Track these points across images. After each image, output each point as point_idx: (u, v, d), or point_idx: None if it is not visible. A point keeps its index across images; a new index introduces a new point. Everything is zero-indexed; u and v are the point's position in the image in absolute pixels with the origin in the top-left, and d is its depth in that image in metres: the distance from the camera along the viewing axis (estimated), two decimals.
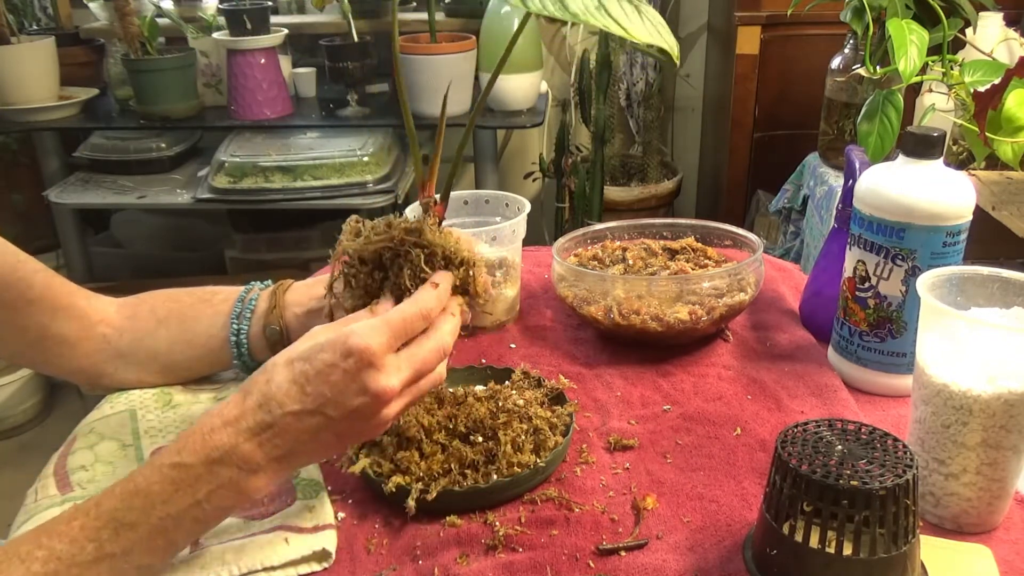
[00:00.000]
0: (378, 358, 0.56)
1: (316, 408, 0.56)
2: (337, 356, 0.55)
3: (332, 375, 0.55)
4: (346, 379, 0.55)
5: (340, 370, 0.55)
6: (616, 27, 0.55)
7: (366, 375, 0.55)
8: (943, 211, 0.71)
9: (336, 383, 0.55)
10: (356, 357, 0.55)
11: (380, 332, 0.56)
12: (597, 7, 0.55)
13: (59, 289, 0.74)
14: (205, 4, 2.13)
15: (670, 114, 2.70)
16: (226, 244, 2.38)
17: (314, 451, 0.58)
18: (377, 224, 0.65)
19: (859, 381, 0.81)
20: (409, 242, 0.62)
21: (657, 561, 0.60)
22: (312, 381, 0.56)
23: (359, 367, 0.55)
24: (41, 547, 0.51)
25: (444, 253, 0.63)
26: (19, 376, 2.16)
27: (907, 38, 1.17)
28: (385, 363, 0.56)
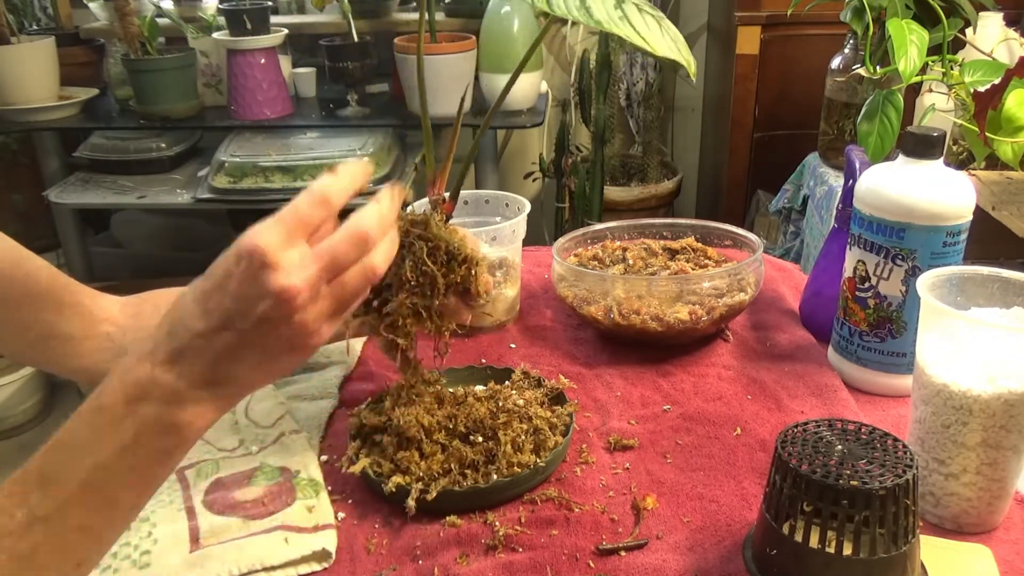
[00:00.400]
0: (270, 255, 0.49)
1: (222, 323, 0.50)
2: (231, 263, 0.50)
3: (229, 284, 0.50)
4: (243, 285, 0.50)
5: (235, 276, 0.50)
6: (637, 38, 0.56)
7: (262, 276, 0.49)
8: (943, 211, 0.71)
9: (235, 292, 0.50)
10: (247, 259, 0.50)
11: (270, 229, 0.51)
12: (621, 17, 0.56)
13: (63, 287, 0.74)
14: (205, 4, 2.13)
15: (670, 114, 2.70)
16: (226, 244, 2.35)
17: (241, 373, 0.52)
18: None
19: (859, 381, 0.81)
20: (414, 233, 0.62)
21: (657, 561, 0.60)
22: (212, 295, 0.51)
23: (252, 269, 0.49)
24: None
25: (447, 248, 0.63)
26: (19, 376, 2.16)
27: (907, 38, 1.17)
28: (281, 259, 0.50)
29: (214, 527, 0.64)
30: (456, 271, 0.64)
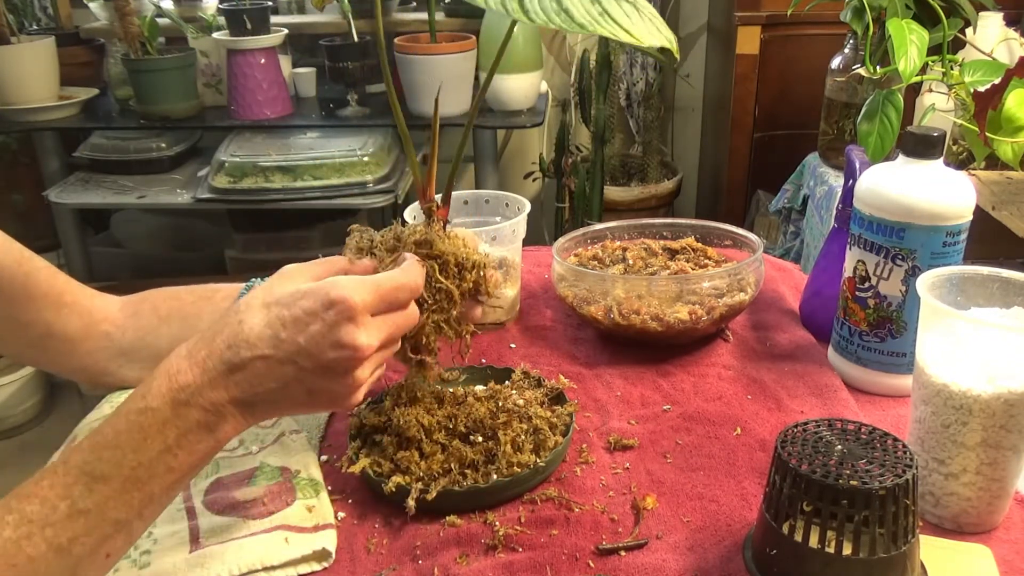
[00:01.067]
0: (359, 313, 0.54)
1: (288, 356, 0.54)
2: (318, 305, 0.54)
3: (311, 324, 0.54)
4: (323, 329, 0.53)
5: (319, 319, 0.54)
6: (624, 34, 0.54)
7: (345, 328, 0.54)
8: (943, 211, 0.71)
9: (313, 333, 0.53)
10: (337, 309, 0.54)
11: (366, 289, 0.55)
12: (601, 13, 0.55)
13: (63, 286, 0.74)
14: (205, 4, 2.13)
15: (670, 114, 2.70)
16: (226, 244, 2.38)
17: (283, 401, 0.56)
18: (385, 237, 0.65)
19: (859, 381, 0.81)
20: (421, 254, 0.63)
21: (657, 561, 0.60)
22: (288, 327, 0.54)
23: (339, 319, 0.54)
24: (11, 511, 0.49)
25: (456, 260, 0.64)
26: (19, 376, 2.16)
27: (907, 38, 1.17)
28: (365, 320, 0.55)
29: (214, 527, 0.64)
30: (467, 279, 0.65)
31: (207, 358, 0.54)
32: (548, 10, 0.54)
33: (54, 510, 0.50)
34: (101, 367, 0.78)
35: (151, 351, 0.78)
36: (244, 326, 0.54)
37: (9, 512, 0.49)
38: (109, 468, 0.51)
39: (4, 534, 0.48)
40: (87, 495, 0.50)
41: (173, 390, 0.53)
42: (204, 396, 0.53)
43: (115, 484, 0.51)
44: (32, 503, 0.50)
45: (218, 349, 0.54)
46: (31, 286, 0.71)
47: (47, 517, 0.49)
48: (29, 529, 0.49)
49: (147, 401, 0.52)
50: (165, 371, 0.53)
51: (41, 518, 0.49)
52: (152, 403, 0.52)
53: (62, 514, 0.50)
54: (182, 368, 0.53)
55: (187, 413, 0.53)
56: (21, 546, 0.48)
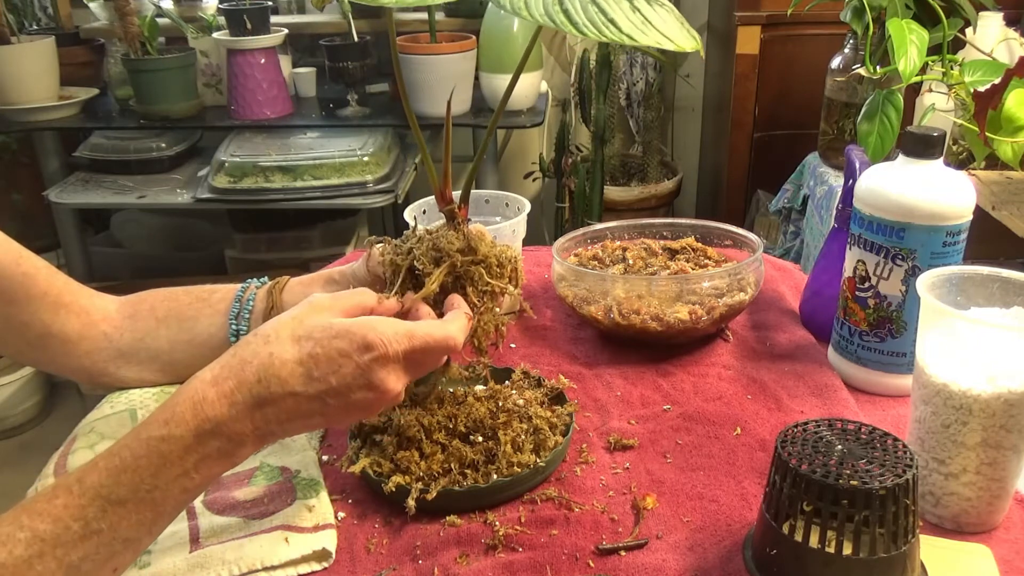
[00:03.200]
0: (393, 361, 0.55)
1: (318, 394, 0.55)
2: (353, 348, 0.55)
3: (344, 366, 0.55)
4: (356, 372, 0.55)
5: (353, 363, 0.55)
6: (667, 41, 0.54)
7: (377, 373, 0.55)
8: (943, 211, 0.71)
9: (345, 375, 0.55)
10: (374, 355, 0.55)
11: (401, 340, 0.56)
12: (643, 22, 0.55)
13: (62, 287, 0.74)
14: (205, 4, 2.13)
15: (670, 114, 2.70)
16: (226, 244, 2.38)
17: (300, 430, 0.58)
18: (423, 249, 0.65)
19: (859, 381, 0.81)
20: (467, 262, 0.64)
21: (657, 561, 0.60)
22: (321, 366, 0.55)
23: (372, 365, 0.55)
24: (23, 528, 0.49)
25: (498, 260, 0.66)
26: (19, 376, 2.16)
27: (907, 38, 1.17)
28: (397, 368, 0.56)
29: (214, 527, 0.64)
30: (506, 275, 0.67)
31: (235, 390, 0.54)
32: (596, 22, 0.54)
33: (67, 530, 0.50)
34: (99, 367, 0.78)
35: (149, 352, 0.78)
36: (275, 359, 0.55)
37: (21, 529, 0.49)
38: (126, 492, 0.51)
39: (16, 552, 0.48)
40: (101, 517, 0.51)
41: (199, 420, 0.53)
42: (229, 428, 0.53)
43: (130, 506, 0.51)
44: (45, 522, 0.50)
45: (247, 381, 0.54)
46: (29, 286, 0.71)
47: (59, 537, 0.49)
48: (41, 548, 0.49)
49: (170, 428, 0.52)
50: (190, 398, 0.53)
51: (53, 538, 0.49)
52: (175, 431, 0.52)
53: (75, 534, 0.50)
54: (208, 397, 0.53)
55: (210, 442, 0.53)
56: (32, 564, 0.48)
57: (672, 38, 0.55)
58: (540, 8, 0.53)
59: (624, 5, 0.55)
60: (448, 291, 0.65)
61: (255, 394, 0.54)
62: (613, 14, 0.54)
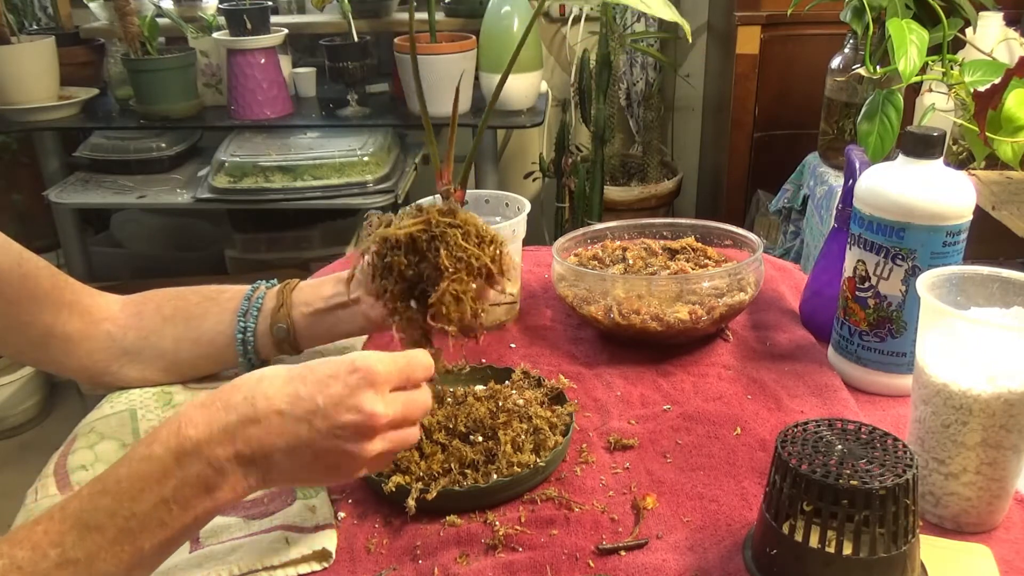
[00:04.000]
0: (380, 382, 0.54)
1: (305, 414, 0.53)
2: (341, 370, 0.54)
3: (331, 386, 0.54)
4: (344, 392, 0.53)
5: (341, 382, 0.54)
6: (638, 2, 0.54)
7: (365, 393, 0.54)
8: (943, 211, 0.71)
9: (333, 395, 0.53)
10: (360, 374, 0.54)
11: (386, 361, 0.55)
12: None
13: (64, 286, 0.74)
14: (205, 4, 2.13)
15: (670, 114, 2.70)
16: (226, 244, 2.38)
17: (286, 465, 0.54)
18: (408, 210, 0.65)
19: (859, 381, 0.81)
20: (444, 223, 0.63)
21: (657, 561, 0.60)
22: (308, 385, 0.54)
23: (360, 384, 0.54)
24: (1, 555, 0.48)
25: (477, 231, 0.64)
26: (19, 376, 2.16)
27: (907, 38, 1.17)
28: (384, 390, 0.55)
29: (214, 527, 0.64)
30: (487, 251, 0.65)
31: (221, 409, 0.53)
32: None
33: (44, 557, 0.48)
34: (102, 367, 0.78)
35: (154, 351, 0.78)
36: (264, 382, 0.54)
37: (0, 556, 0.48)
38: (103, 517, 0.50)
39: None
40: (78, 544, 0.49)
41: (180, 439, 0.52)
42: (210, 450, 0.52)
43: (108, 534, 0.50)
44: (24, 548, 0.49)
45: (233, 401, 0.53)
46: (31, 286, 0.71)
47: (36, 564, 0.48)
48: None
49: (152, 448, 0.52)
50: (176, 419, 0.53)
51: (30, 565, 0.48)
52: (156, 450, 0.51)
53: (51, 562, 0.49)
54: (193, 418, 0.52)
55: (189, 464, 0.51)
56: None
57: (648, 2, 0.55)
58: None
59: None
60: (421, 251, 0.63)
61: (240, 412, 0.53)
62: None
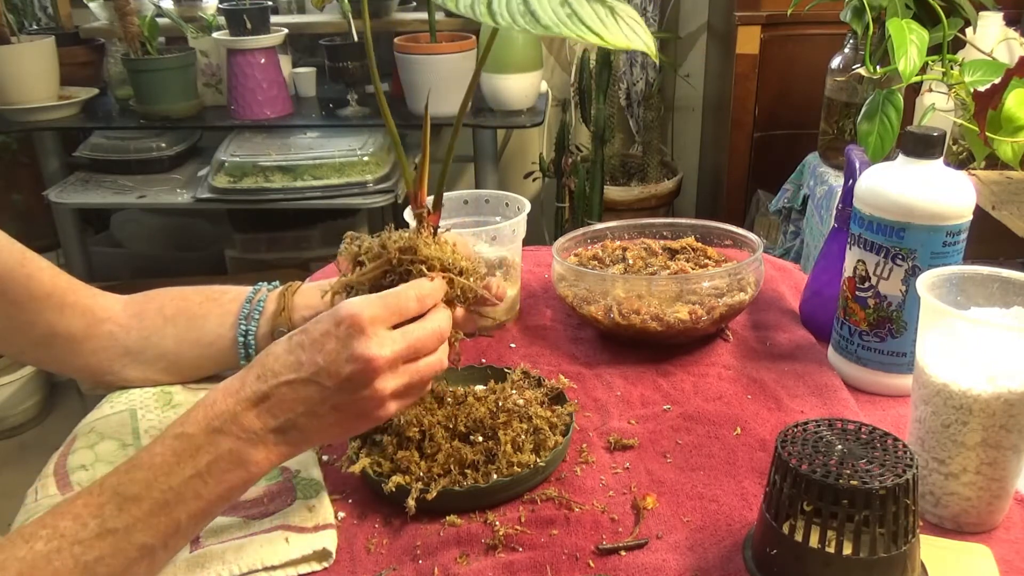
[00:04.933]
0: (367, 325, 0.57)
1: (310, 376, 0.56)
2: (331, 325, 0.57)
3: (326, 344, 0.57)
4: (338, 346, 0.56)
5: (332, 337, 0.57)
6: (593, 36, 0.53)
7: (356, 340, 0.56)
8: (943, 211, 0.71)
9: (329, 351, 0.56)
10: (347, 324, 0.57)
11: (371, 304, 0.58)
12: (569, 15, 0.54)
13: (65, 286, 0.74)
14: (205, 4, 2.13)
15: (670, 114, 2.70)
16: (226, 244, 2.38)
17: (313, 426, 0.58)
18: (372, 246, 0.66)
19: (859, 381, 0.81)
20: (406, 261, 0.63)
21: (657, 561, 0.60)
22: (307, 350, 0.57)
23: (349, 333, 0.56)
24: (46, 526, 0.51)
25: (442, 265, 0.64)
26: (19, 376, 2.16)
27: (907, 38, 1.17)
28: (375, 331, 0.57)
29: (214, 527, 0.64)
30: (456, 283, 0.65)
31: (240, 389, 0.57)
32: (514, 12, 0.53)
33: (84, 527, 0.51)
34: (104, 367, 0.78)
35: (156, 351, 0.78)
36: (270, 356, 0.58)
37: (44, 527, 0.51)
38: (140, 489, 0.53)
39: (36, 547, 0.50)
40: (117, 515, 0.52)
41: (208, 417, 0.55)
42: (237, 422, 0.56)
43: (144, 506, 0.53)
44: (65, 519, 0.51)
45: (250, 380, 0.57)
46: (33, 287, 0.71)
47: (77, 534, 0.51)
48: (59, 544, 0.50)
49: (184, 427, 0.55)
50: (203, 402, 0.57)
51: (72, 534, 0.51)
52: (189, 429, 0.55)
53: (91, 532, 0.51)
54: (217, 399, 0.57)
55: (220, 440, 0.55)
56: (50, 559, 0.50)
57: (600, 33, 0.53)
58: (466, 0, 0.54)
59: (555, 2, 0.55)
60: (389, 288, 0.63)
61: (255, 390, 0.56)
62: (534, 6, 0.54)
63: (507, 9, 0.54)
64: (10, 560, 0.49)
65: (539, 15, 0.53)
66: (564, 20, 0.54)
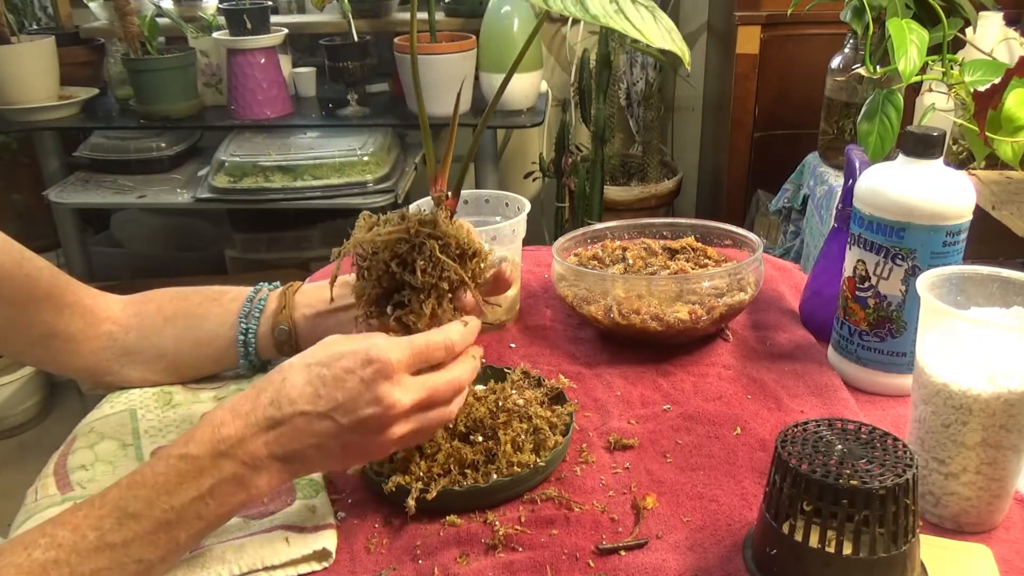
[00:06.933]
0: (395, 371, 0.57)
1: (327, 411, 0.56)
2: (356, 364, 0.56)
3: (348, 381, 0.56)
4: (361, 387, 0.56)
5: (357, 377, 0.56)
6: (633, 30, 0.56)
7: (381, 385, 0.56)
8: (943, 211, 0.71)
9: (351, 389, 0.56)
10: (375, 367, 0.56)
11: (401, 349, 0.58)
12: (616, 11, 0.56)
13: (64, 286, 0.74)
14: (205, 4, 2.13)
15: (670, 114, 2.70)
16: (226, 244, 2.38)
17: (317, 458, 0.58)
18: (391, 216, 0.65)
19: (859, 381, 0.81)
20: (424, 233, 0.63)
21: (657, 560, 0.60)
22: (328, 385, 0.56)
23: (375, 377, 0.56)
24: (45, 535, 0.51)
25: (458, 243, 0.64)
26: (19, 376, 2.16)
27: (907, 38, 1.17)
28: (401, 379, 0.57)
29: None
30: (468, 265, 0.64)
31: (250, 413, 0.56)
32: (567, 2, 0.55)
33: (83, 539, 0.51)
34: (104, 367, 0.78)
35: (155, 351, 0.78)
36: (286, 384, 0.57)
37: (43, 535, 0.51)
38: (141, 506, 0.53)
39: (34, 555, 0.50)
40: (116, 529, 0.52)
41: (215, 440, 0.55)
42: (244, 449, 0.55)
43: (145, 523, 0.53)
44: (65, 529, 0.51)
45: (262, 405, 0.56)
46: (32, 287, 0.71)
47: (75, 545, 0.51)
48: (57, 554, 0.50)
49: (188, 448, 0.55)
50: (209, 421, 0.56)
51: (70, 544, 0.51)
52: (193, 450, 0.54)
53: (90, 544, 0.51)
54: (226, 420, 0.56)
55: (224, 464, 0.55)
56: (47, 569, 0.50)
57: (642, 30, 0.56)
58: None
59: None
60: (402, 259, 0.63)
61: (268, 416, 0.56)
62: None
63: None
64: (7, 567, 0.49)
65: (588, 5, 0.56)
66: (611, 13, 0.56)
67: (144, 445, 0.74)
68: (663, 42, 0.57)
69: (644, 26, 0.57)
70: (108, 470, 0.71)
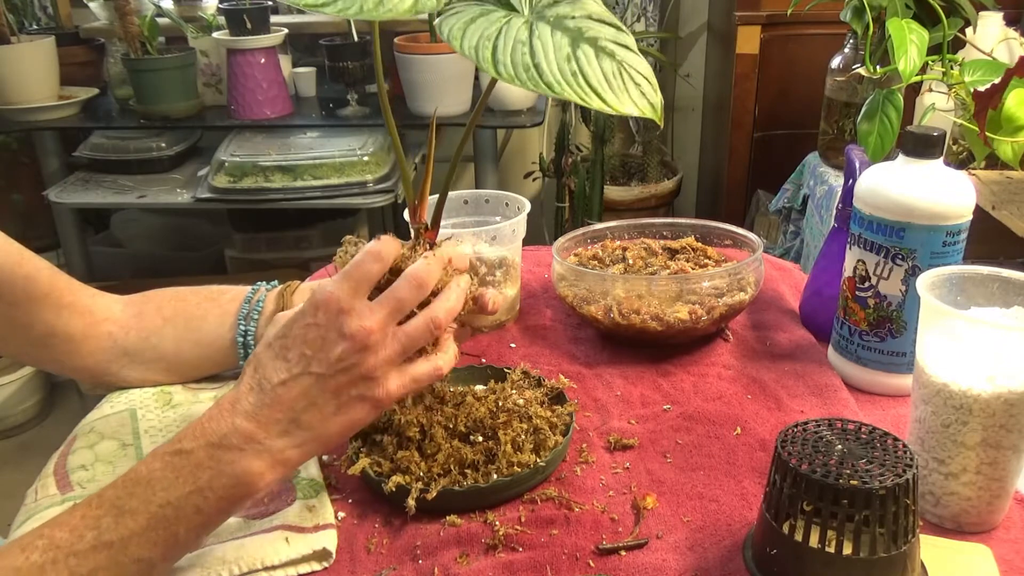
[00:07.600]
0: (343, 302, 0.56)
1: (302, 370, 0.56)
2: (308, 316, 0.57)
3: (308, 334, 0.56)
4: (321, 331, 0.56)
5: (313, 325, 0.56)
6: (595, 99, 0.51)
7: (339, 321, 0.56)
8: (943, 211, 0.71)
9: (313, 340, 0.56)
10: (323, 309, 0.56)
11: (340, 283, 0.57)
12: (574, 72, 0.52)
13: (64, 286, 0.74)
14: (205, 4, 2.13)
15: (670, 114, 2.70)
16: (226, 244, 2.38)
17: (316, 420, 0.57)
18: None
19: (859, 381, 0.81)
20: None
21: (657, 560, 0.60)
22: (292, 347, 0.57)
23: (328, 316, 0.56)
24: (43, 537, 0.51)
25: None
26: (19, 376, 2.16)
27: (907, 38, 1.17)
28: (354, 306, 0.56)
29: None
30: None
31: (235, 402, 0.56)
32: (518, 64, 0.51)
33: (80, 539, 0.51)
34: (103, 367, 0.78)
35: (155, 352, 0.78)
36: (260, 368, 0.57)
37: (40, 537, 0.51)
38: (138, 504, 0.53)
39: (32, 557, 0.50)
40: (113, 527, 0.52)
41: (207, 433, 0.55)
42: (238, 433, 0.55)
43: (142, 520, 0.52)
44: (62, 530, 0.51)
45: (243, 393, 0.56)
46: (31, 287, 0.71)
47: (73, 545, 0.51)
48: (55, 555, 0.50)
49: (182, 444, 0.55)
50: (200, 419, 0.56)
51: (67, 545, 0.51)
52: (187, 445, 0.54)
53: (87, 544, 0.51)
54: (213, 415, 0.56)
55: (221, 454, 0.54)
56: (45, 570, 0.50)
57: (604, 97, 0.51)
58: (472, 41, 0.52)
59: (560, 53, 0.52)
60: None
61: (252, 400, 0.56)
62: (540, 59, 0.52)
63: (511, 59, 0.52)
64: (5, 570, 0.49)
65: (543, 70, 0.52)
66: (569, 79, 0.52)
67: (144, 445, 0.74)
68: (630, 108, 0.52)
69: (608, 92, 0.52)
70: (108, 470, 0.71)
